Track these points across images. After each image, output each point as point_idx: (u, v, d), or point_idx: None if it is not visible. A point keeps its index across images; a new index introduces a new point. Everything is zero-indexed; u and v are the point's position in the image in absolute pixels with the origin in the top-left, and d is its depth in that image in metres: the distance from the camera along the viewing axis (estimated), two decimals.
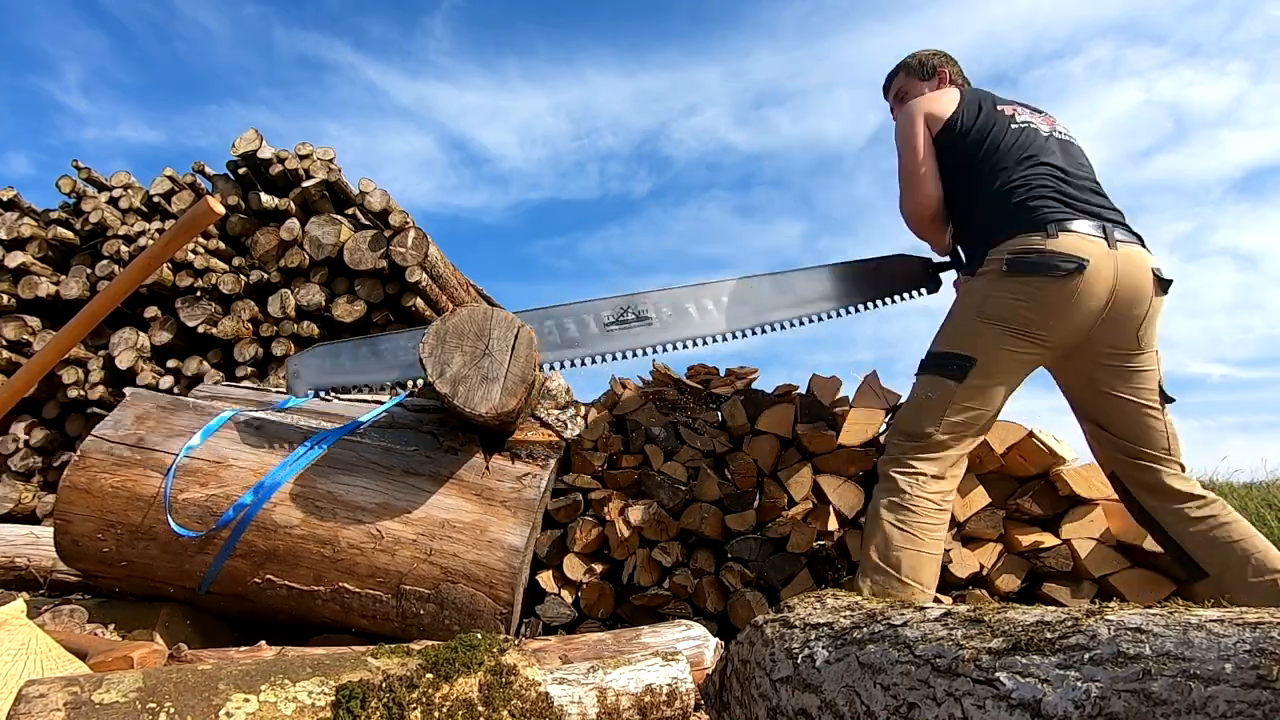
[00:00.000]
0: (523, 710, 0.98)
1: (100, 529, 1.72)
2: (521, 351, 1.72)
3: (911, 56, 1.96)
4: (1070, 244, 1.49)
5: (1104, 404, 1.60)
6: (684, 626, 1.62)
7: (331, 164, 3.67)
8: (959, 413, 1.56)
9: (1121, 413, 1.58)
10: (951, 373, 1.57)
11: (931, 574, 1.51)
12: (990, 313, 1.55)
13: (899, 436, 1.63)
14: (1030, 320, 1.52)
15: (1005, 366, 1.57)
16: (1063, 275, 1.47)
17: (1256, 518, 3.29)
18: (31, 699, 0.76)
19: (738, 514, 1.96)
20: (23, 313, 3.71)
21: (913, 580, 1.47)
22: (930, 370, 1.62)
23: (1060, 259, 1.47)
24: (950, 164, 1.74)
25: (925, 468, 1.55)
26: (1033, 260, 1.50)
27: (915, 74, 1.94)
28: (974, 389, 1.56)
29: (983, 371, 1.55)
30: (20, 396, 1.93)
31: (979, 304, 1.57)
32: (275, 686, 0.85)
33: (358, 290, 3.52)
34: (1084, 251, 1.48)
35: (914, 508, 1.51)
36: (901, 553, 1.48)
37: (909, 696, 0.77)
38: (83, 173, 3.86)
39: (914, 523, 1.50)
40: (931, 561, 1.50)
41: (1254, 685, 0.51)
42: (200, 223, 1.83)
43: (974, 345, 1.56)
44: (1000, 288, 1.54)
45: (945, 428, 1.56)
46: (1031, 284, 1.50)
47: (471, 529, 1.71)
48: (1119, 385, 1.57)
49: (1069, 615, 0.71)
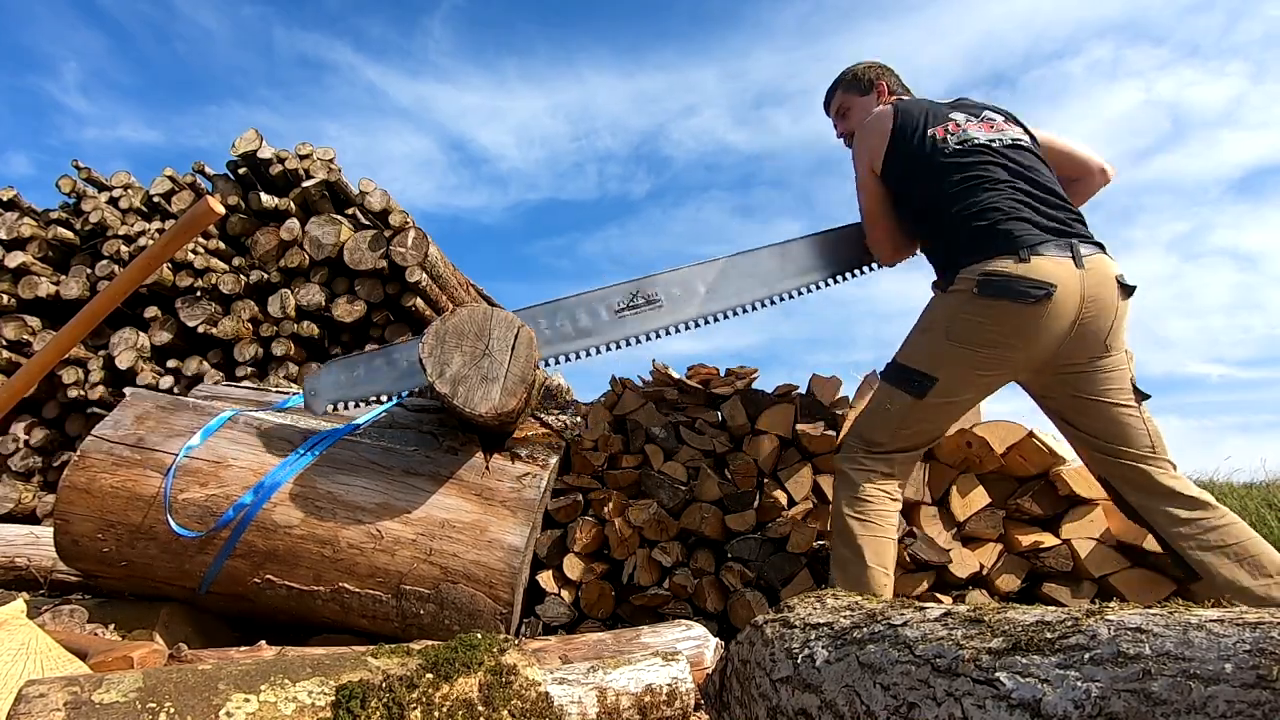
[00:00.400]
0: (523, 710, 0.98)
1: (100, 529, 1.72)
2: (521, 351, 1.72)
3: (847, 71, 1.95)
4: (1040, 269, 1.49)
5: (1078, 408, 1.60)
6: (684, 626, 1.62)
7: (331, 164, 3.67)
8: (912, 425, 1.63)
9: (1097, 415, 1.58)
10: (912, 388, 1.60)
11: (891, 556, 1.60)
12: (957, 334, 1.56)
13: (854, 438, 1.70)
14: (997, 343, 1.53)
15: (967, 388, 1.60)
16: (1032, 301, 1.47)
17: (1257, 517, 3.28)
18: (31, 699, 0.76)
19: (738, 514, 1.96)
20: (23, 313, 3.71)
21: (875, 564, 1.56)
22: (892, 381, 1.65)
23: (1029, 284, 1.47)
24: (900, 195, 1.76)
25: (876, 466, 1.64)
26: (1001, 284, 1.49)
27: (853, 89, 1.93)
28: (931, 406, 1.60)
29: (943, 391, 1.58)
30: (20, 396, 1.93)
31: (947, 324, 1.58)
32: (275, 686, 0.85)
33: (358, 290, 3.52)
34: (1053, 276, 1.48)
35: (868, 498, 1.61)
36: (864, 541, 1.58)
37: (909, 696, 0.77)
38: (83, 173, 3.86)
39: (871, 511, 1.60)
40: (890, 545, 1.60)
41: (1254, 685, 0.51)
42: (200, 223, 1.83)
43: (938, 365, 1.58)
44: (968, 309, 1.54)
45: (898, 439, 1.64)
46: (1000, 308, 1.50)
47: (471, 529, 1.71)
48: (1090, 389, 1.58)
49: (1069, 615, 0.71)
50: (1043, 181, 1.62)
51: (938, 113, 1.72)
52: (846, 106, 1.95)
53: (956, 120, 1.70)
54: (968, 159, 1.63)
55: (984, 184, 1.59)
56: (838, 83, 1.97)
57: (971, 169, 1.62)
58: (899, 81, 1.94)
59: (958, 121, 1.69)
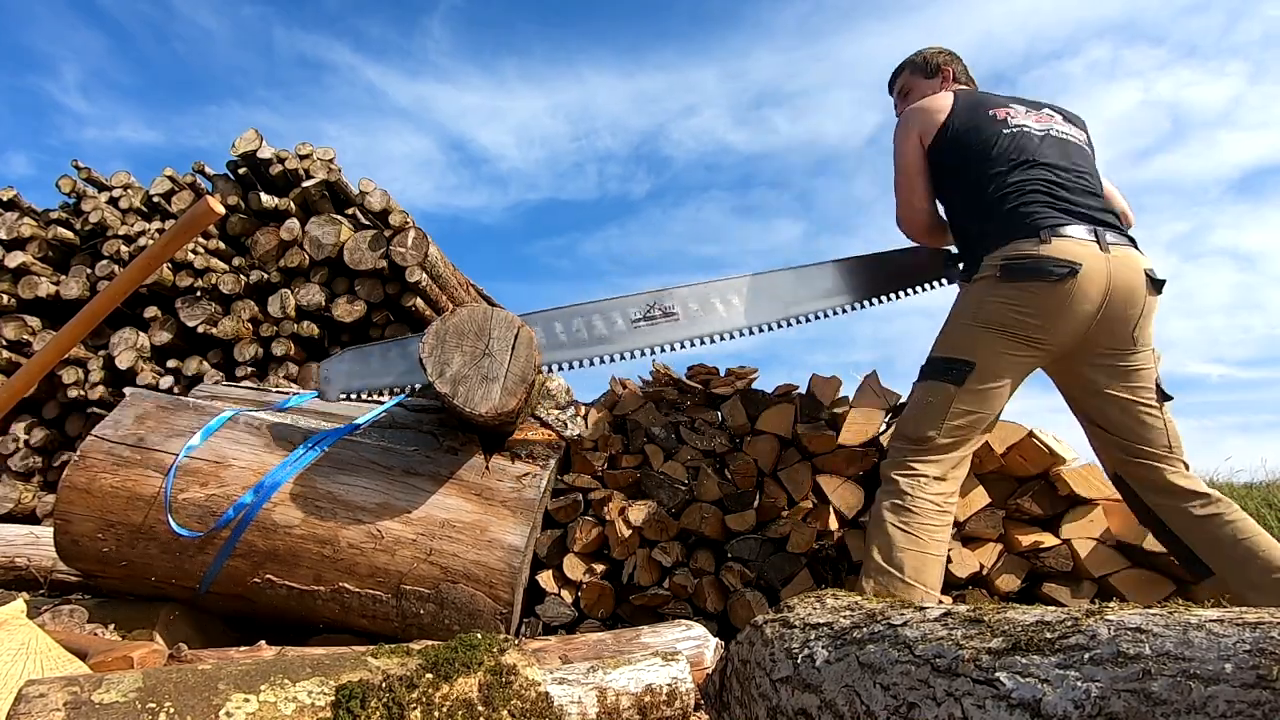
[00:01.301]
0: (523, 710, 0.98)
1: (100, 529, 1.72)
2: (521, 351, 1.72)
3: (917, 54, 1.97)
4: (1063, 249, 1.50)
5: (1102, 404, 1.61)
6: (684, 626, 1.62)
7: (331, 164, 3.67)
8: (959, 416, 1.58)
9: (1120, 412, 1.59)
10: (951, 377, 1.59)
11: (936, 576, 1.51)
12: (986, 318, 1.57)
13: (900, 440, 1.64)
14: (1025, 324, 1.54)
15: (1003, 370, 1.58)
16: (1056, 279, 1.49)
17: (1256, 517, 3.29)
18: (31, 699, 0.76)
19: (738, 514, 1.96)
20: (23, 313, 3.71)
21: (916, 581, 1.47)
22: (930, 375, 1.64)
23: (1053, 264, 1.49)
24: (944, 173, 1.76)
25: (927, 470, 1.57)
26: (1026, 265, 1.51)
27: (919, 71, 1.95)
28: (973, 392, 1.58)
29: (981, 375, 1.57)
30: (20, 396, 1.93)
31: (975, 309, 1.60)
32: (275, 686, 0.85)
33: (358, 290, 3.52)
34: (1077, 256, 1.50)
35: (916, 509, 1.52)
36: (905, 554, 1.49)
37: (909, 696, 0.77)
38: (83, 173, 3.86)
39: (917, 524, 1.51)
40: (935, 563, 1.51)
41: (1254, 685, 0.51)
42: (200, 223, 1.83)
43: (972, 350, 1.58)
44: (995, 293, 1.56)
45: (946, 431, 1.58)
46: (1026, 289, 1.52)
47: (471, 529, 1.71)
48: (1116, 385, 1.58)
49: (1069, 615, 0.71)
50: (1082, 172, 1.64)
51: (999, 99, 1.76)
52: (909, 88, 1.96)
53: (1014, 109, 1.73)
54: (1017, 143, 1.66)
55: (1021, 166, 1.62)
56: (905, 64, 1.98)
57: (1016, 153, 1.64)
58: (965, 71, 1.95)
59: (1015, 110, 1.73)
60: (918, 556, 1.48)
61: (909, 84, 1.97)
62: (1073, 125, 1.77)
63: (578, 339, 1.96)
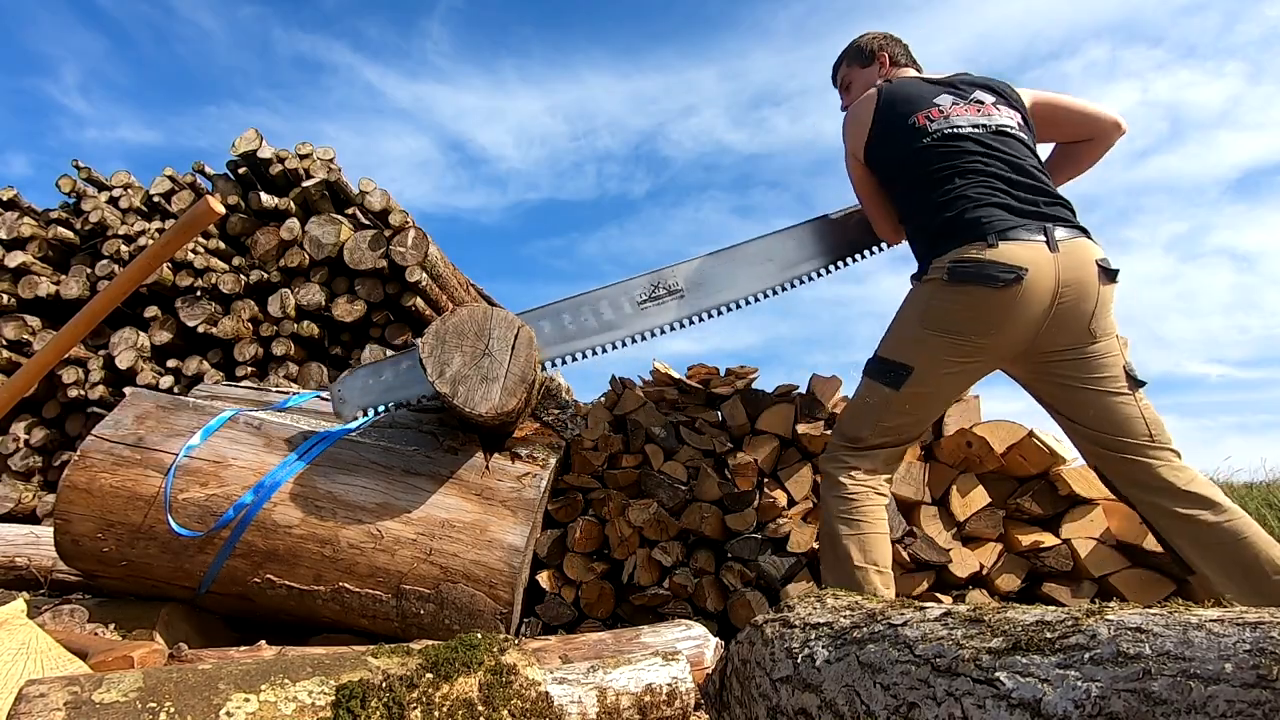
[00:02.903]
0: (523, 710, 0.98)
1: (100, 529, 1.72)
2: (521, 351, 1.72)
3: (852, 43, 1.93)
4: (1009, 253, 1.47)
5: (1070, 397, 1.57)
6: (684, 626, 1.62)
7: (331, 164, 3.67)
8: (893, 418, 1.61)
9: (1089, 404, 1.55)
10: (888, 380, 1.59)
11: (884, 552, 1.56)
12: (931, 321, 1.56)
13: (837, 435, 1.68)
14: (970, 329, 1.52)
15: (942, 375, 1.58)
16: (1001, 285, 1.46)
17: (1257, 517, 3.28)
18: (32, 698, 0.76)
19: (738, 514, 1.96)
20: (23, 313, 3.71)
21: (867, 563, 1.53)
22: (871, 375, 1.65)
23: (999, 269, 1.46)
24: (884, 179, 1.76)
25: (859, 463, 1.62)
26: (970, 270, 1.49)
27: (856, 60, 1.92)
28: (909, 397, 1.58)
29: (919, 380, 1.57)
30: (20, 396, 1.93)
31: (921, 312, 1.58)
32: (275, 686, 0.85)
33: (358, 290, 3.52)
34: (1023, 260, 1.46)
35: (853, 496, 1.58)
36: (850, 540, 1.55)
37: (909, 696, 0.77)
38: (83, 172, 3.86)
39: (856, 509, 1.57)
40: (880, 540, 1.56)
41: (1254, 685, 0.51)
42: (200, 222, 1.83)
43: (913, 354, 1.58)
44: (940, 297, 1.54)
45: (878, 432, 1.62)
46: (970, 293, 1.49)
47: (471, 529, 1.71)
48: (1080, 376, 1.54)
49: (1069, 615, 0.71)
50: (1024, 165, 1.59)
51: (923, 96, 1.69)
52: (849, 80, 1.93)
53: (941, 106, 1.67)
54: (945, 147, 1.61)
55: (957, 173, 1.58)
56: (842, 56, 1.96)
57: (948, 158, 1.60)
58: (905, 52, 1.90)
59: (941, 107, 1.66)
60: (862, 539, 1.55)
61: (848, 76, 1.93)
62: (1008, 106, 1.70)
63: (586, 327, 1.93)
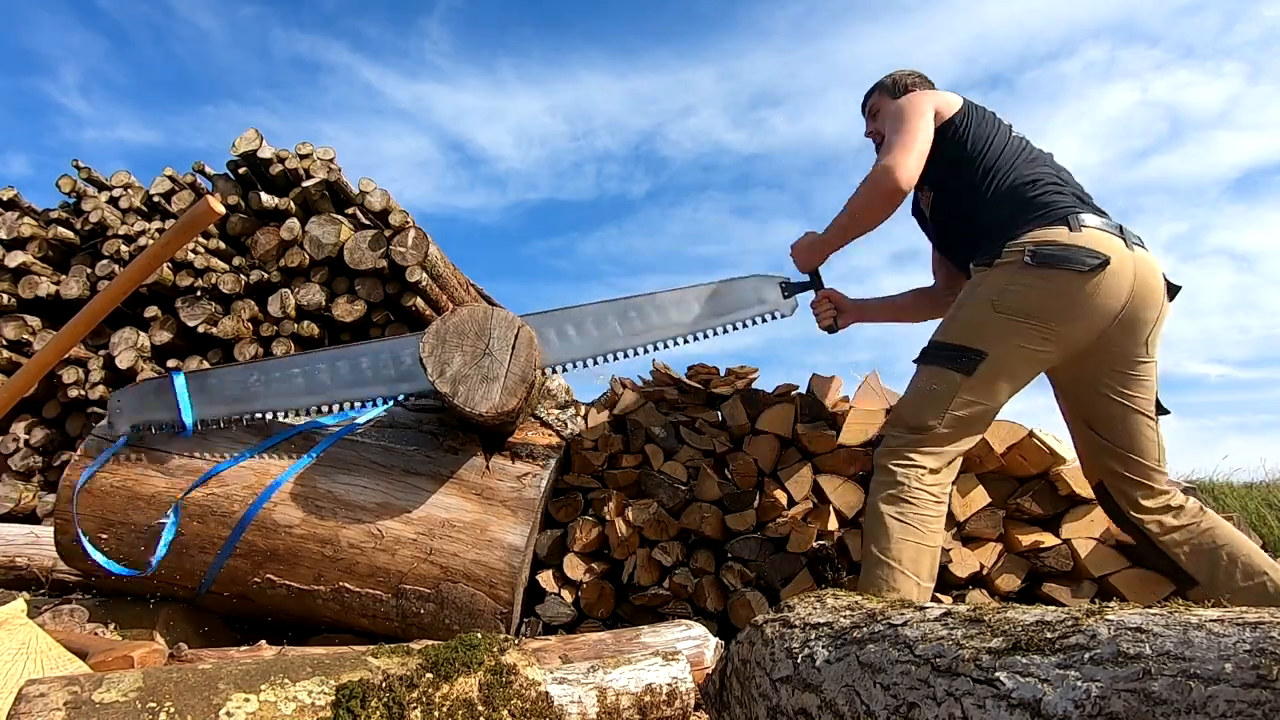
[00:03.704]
0: (523, 710, 0.98)
1: (100, 528, 1.72)
2: (522, 351, 1.72)
3: (887, 76, 1.96)
4: (1093, 239, 1.46)
5: (1104, 408, 1.57)
6: (684, 626, 1.62)
7: (332, 164, 3.67)
8: (964, 406, 1.52)
9: (1122, 418, 1.56)
10: (960, 365, 1.52)
11: (930, 567, 1.48)
12: (1007, 305, 1.50)
13: (899, 428, 1.58)
14: (1049, 315, 1.47)
15: (1017, 362, 1.52)
16: (1087, 270, 1.43)
17: (1257, 517, 3.29)
18: (32, 698, 0.76)
19: (738, 514, 1.96)
20: (23, 313, 3.71)
21: (913, 574, 1.45)
22: (935, 361, 1.57)
23: (1085, 253, 1.44)
24: (955, 158, 1.70)
25: (924, 461, 1.52)
26: (1058, 253, 1.45)
27: (888, 93, 1.93)
28: (981, 383, 1.51)
29: (993, 366, 1.51)
30: (20, 396, 1.93)
31: (995, 296, 1.51)
32: (275, 686, 0.85)
33: (358, 290, 3.52)
34: (1107, 248, 1.45)
35: (913, 500, 1.48)
36: (902, 545, 1.46)
37: (909, 696, 0.77)
38: (83, 172, 3.85)
39: (913, 515, 1.48)
40: (931, 554, 1.48)
41: (1254, 685, 0.51)
42: (200, 222, 1.83)
43: (986, 339, 1.51)
44: (1020, 280, 1.49)
45: (948, 421, 1.52)
46: (1055, 278, 1.46)
47: (472, 528, 1.71)
48: (1122, 390, 1.55)
49: (1069, 615, 0.71)
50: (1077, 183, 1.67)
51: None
52: (879, 108, 1.95)
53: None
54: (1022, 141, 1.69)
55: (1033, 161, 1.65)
56: (876, 86, 1.98)
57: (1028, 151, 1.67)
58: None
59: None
60: (915, 548, 1.46)
61: (878, 104, 1.95)
62: None
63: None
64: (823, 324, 2.02)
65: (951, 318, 1.61)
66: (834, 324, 2.02)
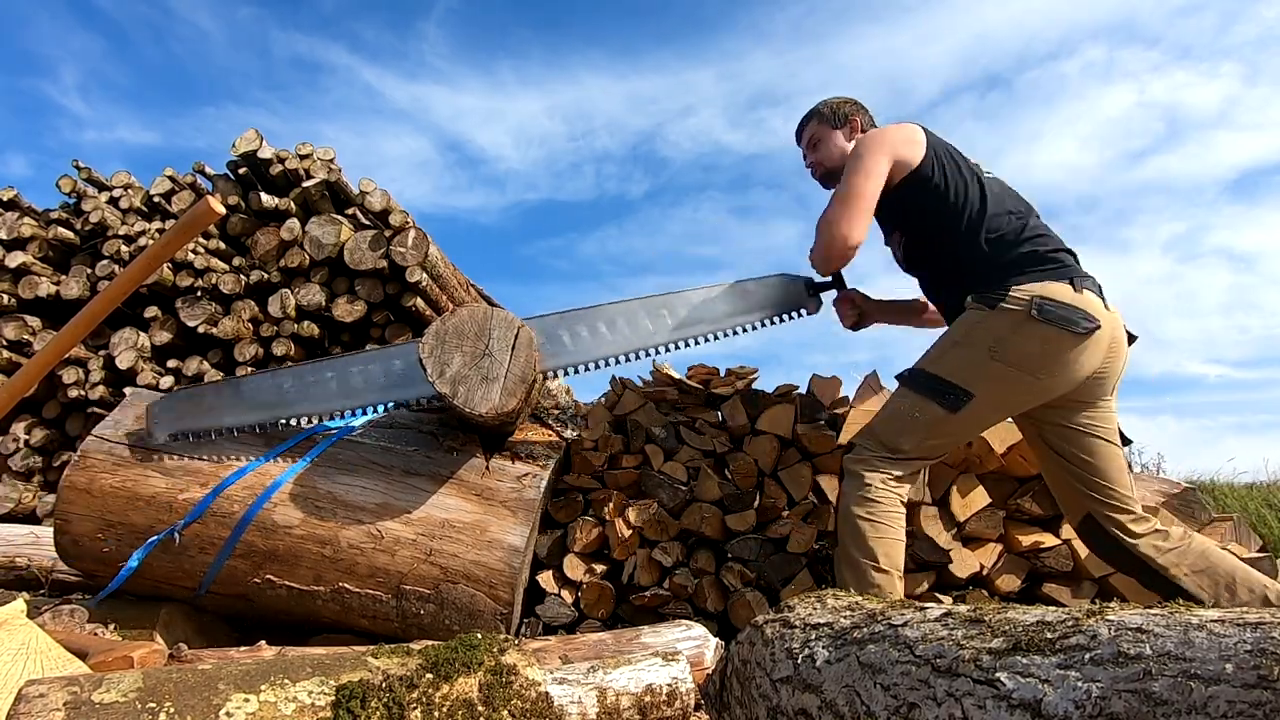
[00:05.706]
0: (523, 710, 0.98)
1: (100, 529, 1.72)
2: (521, 351, 1.72)
3: (823, 104, 1.92)
4: (1089, 303, 1.53)
5: (1083, 443, 1.62)
6: (684, 626, 1.62)
7: (332, 164, 3.67)
8: (940, 436, 1.60)
9: (1097, 451, 1.61)
10: (946, 402, 1.57)
11: (901, 558, 1.58)
12: (1005, 355, 1.53)
13: (873, 442, 1.63)
14: (1040, 368, 1.53)
15: (1000, 406, 1.60)
16: (1081, 333, 1.49)
17: (1257, 517, 3.29)
18: (31, 699, 0.76)
19: (738, 514, 1.96)
20: (23, 313, 3.71)
21: (890, 567, 1.54)
22: (922, 391, 1.60)
23: (1082, 316, 1.50)
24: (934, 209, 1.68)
25: (893, 470, 1.60)
26: (1060, 312, 1.51)
27: (827, 121, 1.90)
28: (963, 421, 1.58)
29: (977, 407, 1.57)
30: (20, 396, 1.93)
31: (994, 344, 1.55)
32: (275, 686, 0.85)
33: (358, 290, 3.52)
34: (1098, 313, 1.52)
35: (880, 499, 1.57)
36: (876, 543, 1.54)
37: (909, 696, 0.77)
38: (83, 172, 3.86)
39: (881, 513, 1.57)
40: (900, 546, 1.57)
41: (1255, 685, 0.51)
42: (200, 222, 1.83)
43: (977, 382, 1.56)
44: (1024, 332, 1.52)
45: (922, 448, 1.61)
46: (1051, 336, 1.51)
47: (471, 529, 1.71)
48: (1091, 423, 1.62)
49: (1069, 615, 0.71)
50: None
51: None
52: (819, 138, 1.90)
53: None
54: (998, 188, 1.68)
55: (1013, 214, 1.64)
56: (812, 114, 1.93)
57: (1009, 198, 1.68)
58: (872, 122, 1.91)
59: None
60: (888, 543, 1.55)
61: (817, 134, 1.91)
62: None
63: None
64: (846, 323, 2.04)
65: (944, 352, 1.63)
66: (857, 323, 2.04)
